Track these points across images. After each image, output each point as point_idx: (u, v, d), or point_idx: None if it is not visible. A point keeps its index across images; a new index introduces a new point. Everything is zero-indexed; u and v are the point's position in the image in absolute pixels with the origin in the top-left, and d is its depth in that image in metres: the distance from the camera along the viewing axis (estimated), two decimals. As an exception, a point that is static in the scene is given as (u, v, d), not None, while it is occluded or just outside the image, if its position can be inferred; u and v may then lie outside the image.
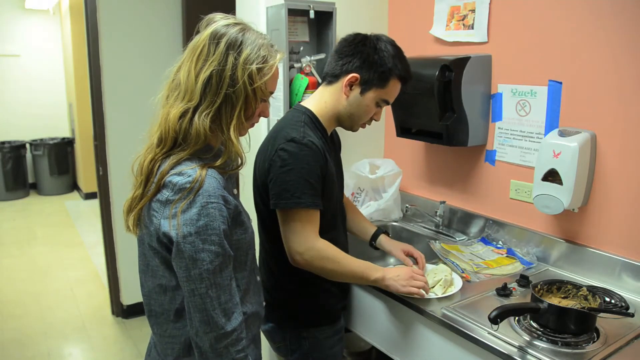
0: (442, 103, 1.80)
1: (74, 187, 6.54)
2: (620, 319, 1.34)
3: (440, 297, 1.45)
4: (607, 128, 1.54)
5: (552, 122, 1.68)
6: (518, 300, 1.44)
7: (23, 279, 3.90)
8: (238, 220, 1.07)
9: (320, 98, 1.46)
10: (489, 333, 1.27)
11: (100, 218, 3.25)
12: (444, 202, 2.04)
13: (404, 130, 2.04)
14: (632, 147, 1.49)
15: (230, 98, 1.02)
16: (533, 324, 1.28)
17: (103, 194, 3.15)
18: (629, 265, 1.50)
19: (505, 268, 1.66)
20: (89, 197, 5.93)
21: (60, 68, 6.41)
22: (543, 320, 1.25)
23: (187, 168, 1.01)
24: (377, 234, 1.69)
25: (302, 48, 2.04)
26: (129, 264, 3.13)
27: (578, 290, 1.33)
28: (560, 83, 1.64)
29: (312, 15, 1.96)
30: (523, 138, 1.78)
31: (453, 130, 1.83)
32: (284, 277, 1.47)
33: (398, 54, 1.41)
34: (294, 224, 1.35)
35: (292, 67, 2.01)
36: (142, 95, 1.32)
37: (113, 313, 3.35)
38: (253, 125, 1.13)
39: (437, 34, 2.02)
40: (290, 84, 2.00)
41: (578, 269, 1.63)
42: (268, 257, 1.52)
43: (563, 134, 1.56)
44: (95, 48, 2.91)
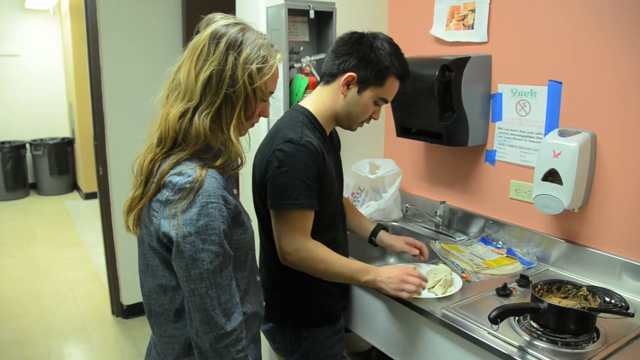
0: (442, 103, 1.80)
1: (74, 187, 6.54)
2: (620, 319, 1.34)
3: (440, 297, 1.45)
4: (607, 128, 1.54)
5: (552, 122, 1.68)
6: (518, 300, 1.44)
7: (23, 279, 3.90)
8: (238, 220, 1.07)
9: (319, 98, 1.46)
10: (489, 333, 1.27)
11: (100, 218, 3.25)
12: (444, 202, 2.04)
13: (404, 130, 2.04)
14: (632, 147, 1.49)
15: (230, 98, 1.02)
16: (533, 324, 1.28)
17: (103, 194, 3.15)
18: (629, 265, 1.50)
19: (505, 268, 1.66)
20: (89, 197, 5.93)
21: (60, 68, 6.41)
22: (543, 320, 1.25)
23: (187, 168, 1.01)
24: (376, 230, 1.70)
25: (302, 48, 2.04)
26: (129, 264, 3.13)
27: (578, 290, 1.33)
28: (560, 83, 1.64)
29: (312, 15, 1.96)
30: (523, 138, 1.78)
31: (453, 130, 1.83)
32: (284, 277, 1.47)
33: (395, 52, 1.40)
34: (287, 224, 1.35)
35: (292, 67, 2.01)
36: (142, 95, 1.32)
37: (113, 313, 3.35)
38: (253, 125, 1.13)
39: (437, 34, 2.02)
40: (290, 84, 2.00)
41: (578, 269, 1.63)
42: (268, 257, 1.52)
43: (563, 134, 1.56)
44: (95, 48, 2.91)
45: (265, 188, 1.37)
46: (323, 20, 2.05)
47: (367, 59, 1.37)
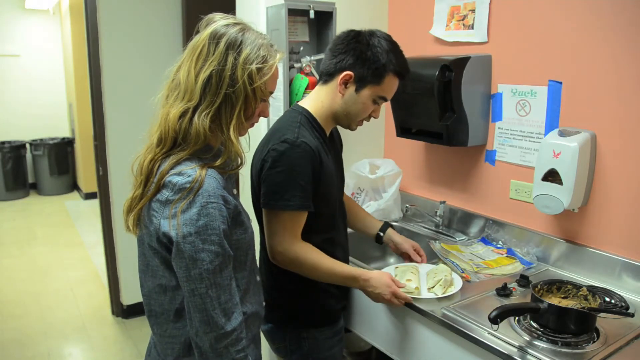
0: (442, 103, 1.79)
1: (74, 187, 6.54)
2: (620, 319, 1.34)
3: (440, 297, 1.45)
4: (607, 128, 1.54)
5: (552, 122, 1.68)
6: (518, 300, 1.44)
7: (23, 279, 3.90)
8: (238, 220, 1.07)
9: (317, 97, 1.45)
10: (489, 333, 1.27)
11: (100, 218, 3.25)
12: (444, 202, 2.04)
13: (404, 130, 2.04)
14: (632, 147, 1.49)
15: (230, 98, 1.02)
16: (533, 324, 1.28)
17: (103, 194, 3.15)
18: (629, 265, 1.50)
19: (505, 268, 1.66)
20: (89, 197, 5.93)
21: (60, 68, 6.41)
22: (543, 320, 1.25)
23: (186, 168, 1.01)
24: (384, 227, 1.69)
25: (302, 48, 2.04)
26: (129, 264, 3.13)
27: (578, 290, 1.33)
28: (560, 83, 1.64)
29: (312, 15, 1.96)
30: (523, 138, 1.78)
31: (453, 130, 1.83)
32: (284, 277, 1.47)
33: (393, 49, 1.38)
34: (278, 224, 1.35)
35: (292, 67, 2.01)
36: (142, 95, 1.32)
37: (113, 313, 3.35)
38: (253, 125, 1.13)
39: (437, 34, 2.02)
40: (290, 84, 2.00)
41: (578, 269, 1.63)
42: (268, 257, 1.52)
43: (563, 134, 1.56)
44: (95, 48, 2.91)
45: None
46: (323, 20, 2.04)
47: (363, 57, 1.35)
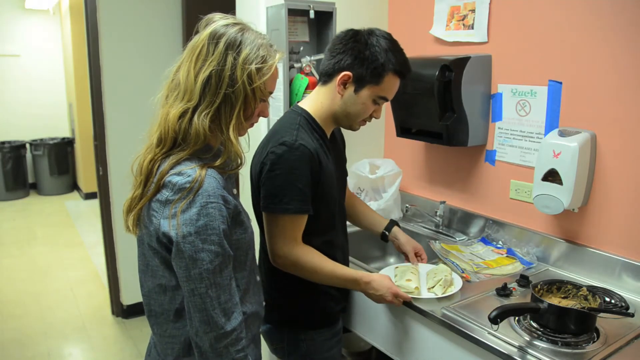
0: (442, 103, 1.79)
1: (74, 187, 6.54)
2: (620, 319, 1.34)
3: (440, 297, 1.45)
4: (607, 128, 1.54)
5: (552, 122, 1.68)
6: (518, 300, 1.44)
7: (23, 279, 3.90)
8: (238, 220, 1.07)
9: (317, 98, 1.43)
10: (489, 333, 1.27)
11: (100, 218, 3.25)
12: (444, 202, 2.04)
13: (404, 130, 2.04)
14: (632, 147, 1.49)
15: (230, 98, 1.02)
16: (533, 324, 1.28)
17: (103, 194, 3.15)
18: (629, 265, 1.50)
19: (505, 268, 1.65)
20: (89, 197, 5.93)
21: (60, 68, 6.41)
22: (543, 320, 1.25)
23: (186, 168, 1.00)
24: (390, 225, 1.69)
25: (302, 48, 2.04)
26: (129, 264, 3.13)
27: (578, 290, 1.33)
28: (560, 83, 1.64)
29: (312, 15, 1.96)
30: (523, 138, 1.78)
31: (453, 130, 1.83)
32: (284, 277, 1.47)
33: (392, 48, 1.35)
34: (278, 228, 1.35)
35: (292, 67, 2.01)
36: (142, 95, 1.32)
37: (113, 313, 3.35)
38: (252, 125, 1.13)
39: (437, 34, 2.02)
40: (290, 84, 2.00)
41: (578, 269, 1.63)
42: (267, 257, 1.52)
43: (563, 134, 1.56)
44: (95, 48, 2.91)
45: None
46: (323, 20, 2.04)
47: (362, 57, 1.33)
